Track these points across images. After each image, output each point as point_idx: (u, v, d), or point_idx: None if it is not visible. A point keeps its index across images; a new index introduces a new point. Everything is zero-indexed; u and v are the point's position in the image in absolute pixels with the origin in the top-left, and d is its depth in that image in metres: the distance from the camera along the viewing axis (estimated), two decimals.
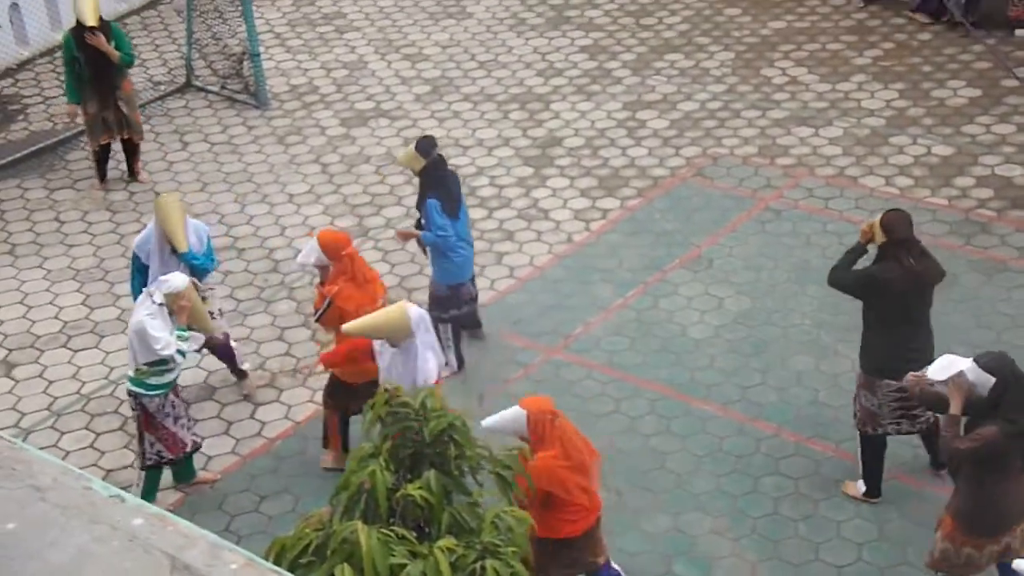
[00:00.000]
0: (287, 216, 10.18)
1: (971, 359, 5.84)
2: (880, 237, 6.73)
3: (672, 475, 7.44)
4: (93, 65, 9.98)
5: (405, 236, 8.41)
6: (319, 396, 8.06)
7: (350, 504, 3.96)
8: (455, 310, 8.14)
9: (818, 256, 9.08)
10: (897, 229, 6.67)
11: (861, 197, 9.66)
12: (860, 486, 7.15)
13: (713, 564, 6.86)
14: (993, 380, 5.74)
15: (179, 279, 7.20)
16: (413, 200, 10.20)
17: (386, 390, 4.35)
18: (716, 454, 7.55)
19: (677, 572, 6.84)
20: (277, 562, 3.80)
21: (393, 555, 3.72)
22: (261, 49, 11.74)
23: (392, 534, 3.81)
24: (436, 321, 7.54)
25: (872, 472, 7.08)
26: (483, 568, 3.81)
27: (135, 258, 8.01)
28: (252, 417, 8.24)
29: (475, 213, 10.03)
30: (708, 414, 7.85)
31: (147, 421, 7.23)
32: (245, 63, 11.71)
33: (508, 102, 11.42)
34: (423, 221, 8.07)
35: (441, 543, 3.84)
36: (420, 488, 3.93)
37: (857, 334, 8.35)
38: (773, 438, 7.66)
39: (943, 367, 5.90)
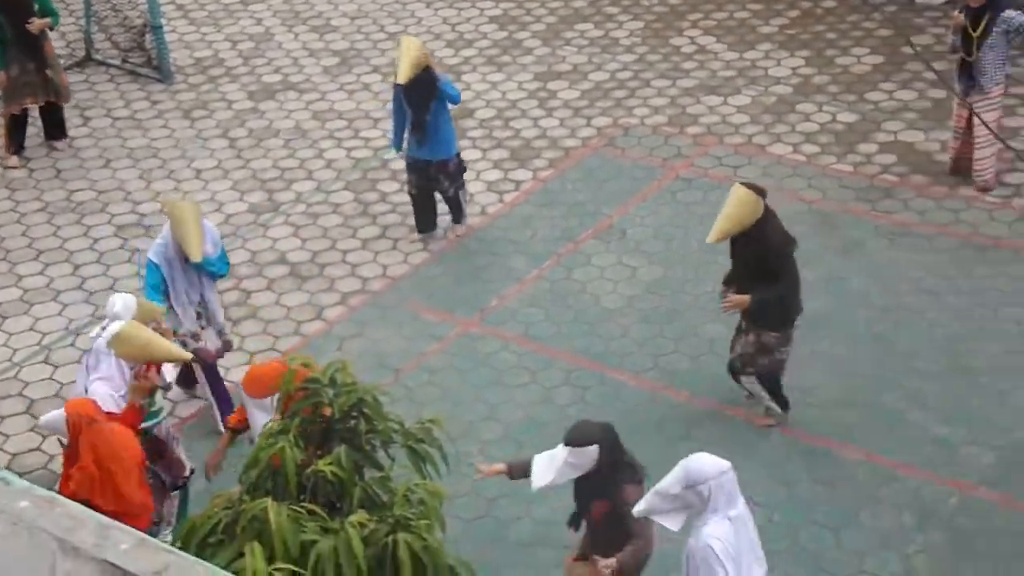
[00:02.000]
0: (195, 192, 9.99)
1: (563, 444, 5.58)
2: (757, 211, 6.88)
3: None
4: (14, 27, 9.72)
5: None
6: (230, 374, 7.95)
7: (259, 482, 3.91)
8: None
9: None
10: (764, 197, 6.99)
11: (769, 165, 9.78)
12: (773, 410, 7.44)
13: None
14: (596, 447, 5.60)
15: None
16: (324, 174, 10.11)
17: (294, 367, 4.29)
18: (630, 422, 7.60)
19: None
20: (186, 542, 3.75)
21: (304, 531, 3.69)
22: (163, 21, 11.48)
23: (303, 511, 3.78)
24: (459, 189, 9.03)
25: (780, 395, 7.44)
26: (395, 542, 3.80)
27: (151, 268, 7.30)
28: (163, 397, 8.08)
29: (387, 186, 9.96)
30: (622, 383, 7.91)
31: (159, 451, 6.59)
32: (147, 35, 11.45)
33: None
34: (429, 115, 8.68)
35: (353, 518, 3.81)
36: (330, 464, 3.89)
37: None
38: (686, 405, 7.75)
39: (544, 467, 5.62)
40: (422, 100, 8.70)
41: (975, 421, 7.44)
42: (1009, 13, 8.74)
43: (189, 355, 6.63)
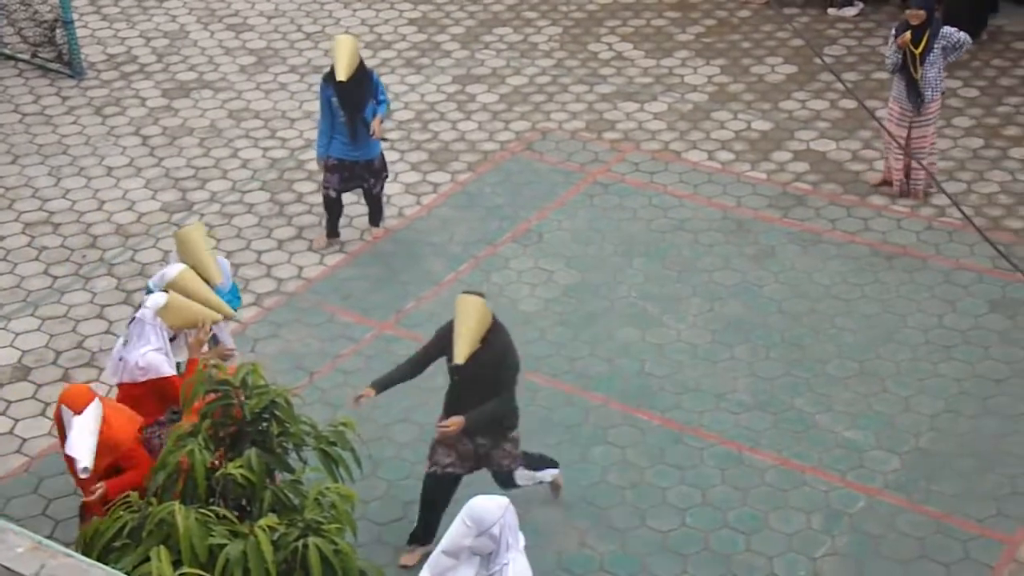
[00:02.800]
0: (106, 190, 9.79)
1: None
2: (488, 316, 6.50)
3: None
4: None
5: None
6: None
7: (167, 485, 3.83)
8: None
9: (644, 229, 9.26)
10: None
11: (685, 171, 9.88)
12: (550, 476, 7.00)
13: (543, 530, 6.94)
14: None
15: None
16: (239, 174, 9.98)
17: (205, 367, 4.22)
18: (546, 425, 7.63)
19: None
20: (90, 546, 3.66)
21: (212, 535, 3.62)
22: (75, 16, 11.24)
23: (212, 514, 3.71)
24: (382, 187, 9.05)
25: (543, 459, 7.04)
26: (305, 546, 3.75)
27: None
28: None
29: (304, 186, 9.86)
30: (538, 386, 7.92)
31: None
32: (57, 30, 11.19)
33: None
34: (364, 113, 8.65)
35: (262, 522, 3.75)
36: (240, 467, 3.83)
37: (682, 304, 8.57)
38: (601, 408, 7.79)
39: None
40: (359, 98, 8.63)
41: (882, 426, 7.59)
42: (948, 29, 9.00)
43: (232, 311, 6.72)
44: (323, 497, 4.01)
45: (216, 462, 4.00)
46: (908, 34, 8.96)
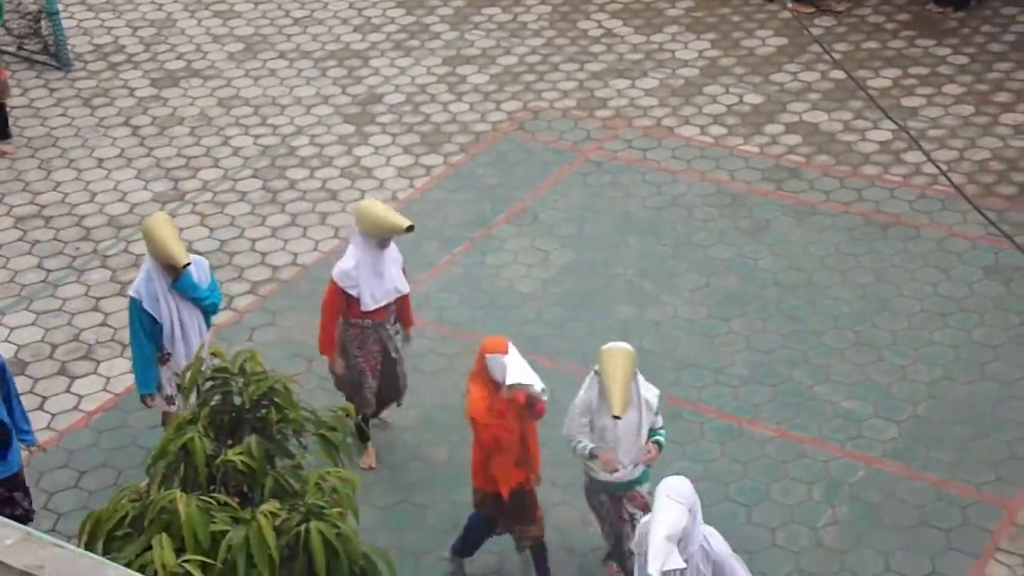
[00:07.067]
0: (97, 181, 9.77)
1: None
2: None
3: None
4: None
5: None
6: None
7: (168, 473, 3.84)
8: None
9: (639, 206, 9.26)
10: None
11: (678, 147, 9.87)
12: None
13: (551, 511, 6.95)
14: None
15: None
16: (230, 162, 9.95)
17: (203, 356, 4.22)
18: (547, 406, 7.62)
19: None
20: (92, 536, 3.66)
21: (214, 522, 3.63)
22: (60, 6, 11.19)
23: (213, 501, 3.72)
24: None
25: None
26: (307, 531, 3.75)
27: (134, 307, 6.70)
28: (68, 391, 7.92)
29: (296, 173, 9.84)
30: (537, 367, 7.90)
31: None
32: (43, 21, 11.14)
33: (325, 59, 11.20)
34: None
35: (264, 507, 3.76)
36: (241, 454, 3.83)
37: (678, 280, 8.58)
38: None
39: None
40: None
41: (879, 396, 7.61)
42: None
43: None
44: (324, 482, 4.02)
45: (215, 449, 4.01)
46: None
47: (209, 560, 3.65)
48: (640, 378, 6.15)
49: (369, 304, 6.98)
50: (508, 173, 9.68)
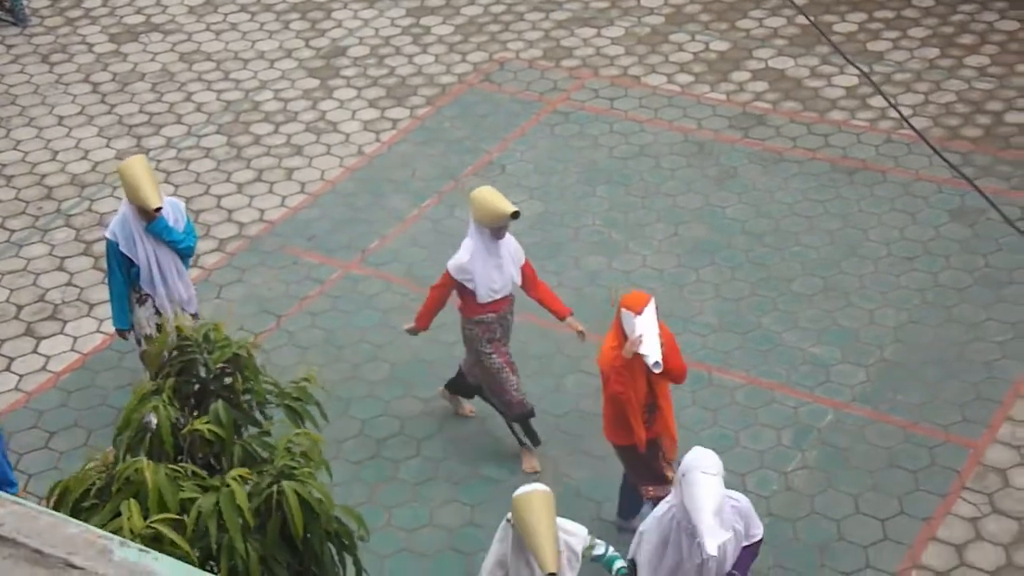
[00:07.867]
0: (58, 140, 9.64)
1: None
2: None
3: None
4: None
5: None
6: (105, 325, 7.75)
7: (133, 443, 3.82)
8: None
9: (606, 156, 9.23)
10: None
11: (645, 96, 9.83)
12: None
13: (519, 460, 6.99)
14: None
15: None
16: (194, 118, 9.83)
17: (166, 327, 4.18)
18: (520, 357, 7.63)
19: (513, 482, 6.95)
20: (58, 506, 3.65)
21: (182, 490, 3.62)
22: None
23: (181, 471, 3.71)
24: None
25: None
26: (280, 491, 3.75)
27: (111, 248, 6.74)
28: (35, 351, 7.87)
29: (261, 128, 9.74)
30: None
31: None
32: None
33: (287, 12, 11.06)
34: None
35: (233, 472, 3.75)
36: (208, 422, 3.81)
37: (647, 230, 8.58)
38: (572, 338, 7.79)
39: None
40: None
41: (847, 340, 7.67)
42: None
43: None
44: (292, 445, 4.01)
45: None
46: None
47: (179, 518, 3.63)
48: (559, 521, 5.14)
49: (486, 297, 6.70)
50: (475, 125, 9.62)
